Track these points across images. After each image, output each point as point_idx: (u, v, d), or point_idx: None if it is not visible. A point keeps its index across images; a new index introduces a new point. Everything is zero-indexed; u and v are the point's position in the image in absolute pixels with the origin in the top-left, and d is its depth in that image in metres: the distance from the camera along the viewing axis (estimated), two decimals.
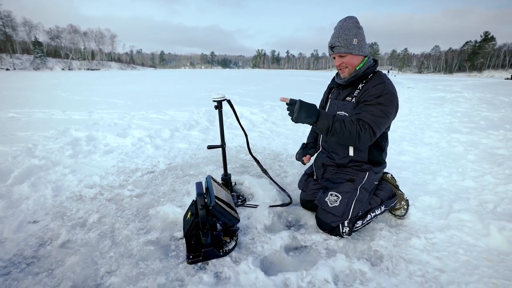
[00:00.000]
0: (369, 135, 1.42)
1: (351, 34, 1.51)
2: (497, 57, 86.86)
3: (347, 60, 1.57)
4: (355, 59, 1.57)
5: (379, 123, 1.44)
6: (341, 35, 1.52)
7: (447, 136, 4.27)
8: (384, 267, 1.43)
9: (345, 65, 1.59)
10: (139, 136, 3.76)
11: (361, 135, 1.39)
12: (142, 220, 1.84)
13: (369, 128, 1.41)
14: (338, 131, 1.37)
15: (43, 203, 2.01)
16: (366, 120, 1.42)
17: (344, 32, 1.52)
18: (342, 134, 1.38)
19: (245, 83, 17.61)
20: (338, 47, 1.54)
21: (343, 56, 1.57)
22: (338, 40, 1.53)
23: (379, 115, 1.44)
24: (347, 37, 1.51)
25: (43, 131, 4.06)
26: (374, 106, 1.45)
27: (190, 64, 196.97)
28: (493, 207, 2.06)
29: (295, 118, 1.36)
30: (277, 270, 1.40)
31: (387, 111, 1.46)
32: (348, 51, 1.53)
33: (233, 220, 1.44)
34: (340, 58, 1.58)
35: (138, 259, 1.45)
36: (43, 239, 1.62)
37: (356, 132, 1.38)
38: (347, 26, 1.52)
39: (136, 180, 2.50)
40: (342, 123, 1.38)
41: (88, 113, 5.84)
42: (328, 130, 1.37)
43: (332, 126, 1.36)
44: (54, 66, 74.34)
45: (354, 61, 1.57)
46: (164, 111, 6.15)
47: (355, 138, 1.40)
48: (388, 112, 1.47)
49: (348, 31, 1.51)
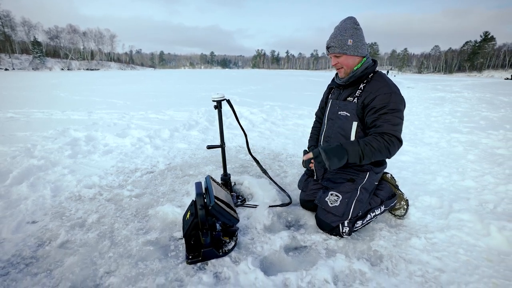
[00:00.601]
0: (397, 145, 1.46)
1: (347, 35, 1.53)
2: (497, 57, 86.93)
3: (342, 61, 1.59)
4: (351, 60, 1.58)
5: (400, 129, 1.49)
6: (337, 36, 1.55)
7: (447, 136, 4.27)
8: (384, 267, 1.43)
9: (340, 65, 1.62)
10: (138, 136, 3.75)
11: (391, 149, 1.43)
12: (141, 220, 1.83)
13: (395, 139, 1.44)
14: (370, 155, 1.41)
15: (42, 203, 2.01)
16: (390, 132, 1.45)
17: (340, 32, 1.55)
18: (374, 156, 1.42)
19: (245, 83, 17.60)
20: (333, 47, 1.58)
21: (338, 56, 1.60)
22: (333, 41, 1.57)
23: (397, 122, 1.48)
24: (342, 37, 1.54)
25: (42, 131, 4.06)
26: (389, 114, 1.48)
27: (189, 64, 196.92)
28: (493, 207, 2.06)
29: (330, 167, 1.39)
30: (277, 270, 1.39)
31: (401, 115, 1.51)
32: (343, 52, 1.56)
33: (233, 220, 1.43)
34: (336, 58, 1.62)
35: (137, 259, 1.45)
36: (41, 240, 1.61)
37: (386, 148, 1.42)
38: (344, 27, 1.55)
39: (135, 180, 2.50)
40: (370, 146, 1.41)
41: (87, 113, 5.83)
42: (361, 159, 1.41)
43: (363, 153, 1.40)
44: (53, 66, 74.31)
45: (349, 62, 1.59)
46: (163, 111, 6.15)
47: (386, 153, 1.44)
48: (402, 115, 1.52)
49: (344, 31, 1.54)
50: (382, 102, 1.48)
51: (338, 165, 1.39)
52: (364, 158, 1.41)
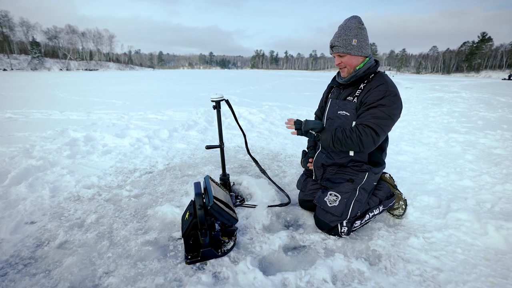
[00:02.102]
0: (371, 138, 1.42)
1: (351, 35, 1.53)
2: (494, 57, 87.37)
3: (346, 60, 1.59)
4: (354, 59, 1.58)
5: (383, 125, 1.44)
6: (341, 35, 1.54)
7: (445, 136, 4.29)
8: (382, 267, 1.44)
9: (344, 65, 1.62)
10: (137, 137, 3.75)
11: (362, 140, 1.42)
12: (140, 220, 1.83)
13: (370, 131, 1.42)
14: (341, 138, 1.43)
15: (40, 203, 2.00)
16: (367, 123, 1.43)
17: (344, 32, 1.54)
18: (345, 142, 1.44)
19: (244, 84, 17.61)
20: (337, 46, 1.56)
21: (342, 56, 1.59)
22: (337, 40, 1.55)
23: (382, 117, 1.44)
24: (346, 37, 1.53)
25: (40, 132, 4.05)
26: (376, 108, 1.46)
27: (188, 65, 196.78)
28: (491, 206, 2.07)
29: (304, 125, 1.49)
30: (276, 270, 1.40)
31: (391, 112, 1.46)
32: (347, 51, 1.55)
33: (232, 220, 1.44)
34: (339, 58, 1.61)
35: (136, 259, 1.45)
36: (40, 240, 1.61)
37: (357, 137, 1.41)
38: (348, 26, 1.54)
39: (134, 180, 2.49)
40: (344, 131, 1.42)
41: (86, 114, 5.82)
42: (332, 139, 1.43)
43: (335, 135, 1.42)
44: (52, 67, 74.09)
45: (353, 61, 1.58)
46: (162, 112, 6.14)
47: (358, 143, 1.43)
48: (392, 113, 1.46)
49: (348, 31, 1.53)
50: (374, 98, 1.48)
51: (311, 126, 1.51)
52: (334, 139, 1.46)
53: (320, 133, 1.40)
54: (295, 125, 1.54)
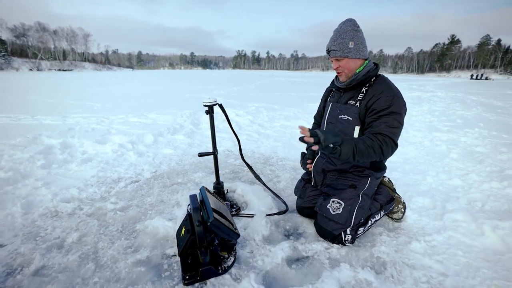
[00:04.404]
0: (391, 147, 1.40)
1: (347, 38, 1.50)
2: (463, 58, 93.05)
3: (344, 64, 1.56)
4: (352, 63, 1.55)
5: (397, 133, 1.43)
6: (337, 39, 1.52)
7: (429, 135, 4.43)
8: (389, 275, 1.40)
9: (342, 69, 1.58)
10: (120, 142, 3.52)
11: (383, 148, 1.37)
12: (129, 237, 1.68)
13: (389, 140, 1.39)
14: (363, 151, 1.33)
15: (11, 222, 1.78)
16: (385, 132, 1.40)
17: (340, 35, 1.51)
18: (367, 153, 1.35)
19: (227, 84, 17.40)
20: (334, 51, 1.54)
21: (340, 60, 1.56)
22: (334, 44, 1.53)
23: (395, 125, 1.42)
24: (342, 40, 1.50)
25: (9, 139, 3.67)
26: (389, 116, 1.43)
27: (169, 65, 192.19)
28: (481, 205, 2.13)
29: (324, 141, 1.26)
30: (281, 286, 1.31)
31: (401, 120, 1.46)
32: (344, 55, 1.52)
33: (233, 235, 1.33)
34: (337, 62, 1.58)
35: (127, 283, 1.30)
36: (11, 267, 1.41)
37: (379, 146, 1.36)
38: (344, 30, 1.51)
39: (119, 191, 2.31)
40: (364, 143, 1.34)
41: (61, 118, 5.42)
42: (354, 152, 1.32)
43: (356, 147, 1.32)
44: (21, 67, 69.32)
45: (351, 65, 1.55)
46: (145, 115, 5.86)
47: (379, 153, 1.37)
48: (402, 120, 1.47)
49: (344, 34, 1.50)
50: (383, 104, 1.45)
51: (331, 141, 1.27)
52: (356, 152, 1.32)
53: (340, 146, 1.28)
54: (313, 138, 1.30)
